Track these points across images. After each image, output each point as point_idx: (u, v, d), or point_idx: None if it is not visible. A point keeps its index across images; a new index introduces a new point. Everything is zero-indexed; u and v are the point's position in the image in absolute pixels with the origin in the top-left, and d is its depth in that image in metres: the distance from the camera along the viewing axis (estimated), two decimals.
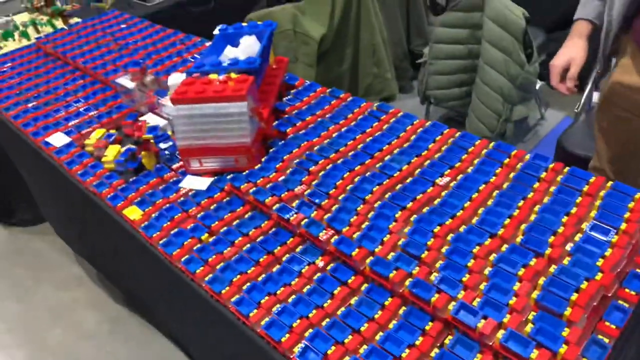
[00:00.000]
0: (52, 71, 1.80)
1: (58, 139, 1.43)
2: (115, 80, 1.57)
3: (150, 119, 1.45)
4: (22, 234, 2.38)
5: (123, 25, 2.03)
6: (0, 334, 1.93)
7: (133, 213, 1.15)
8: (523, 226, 0.92)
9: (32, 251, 2.29)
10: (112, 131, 1.46)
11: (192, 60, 1.72)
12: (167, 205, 1.15)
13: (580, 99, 1.90)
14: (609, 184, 0.99)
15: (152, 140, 1.30)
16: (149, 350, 1.79)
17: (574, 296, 0.79)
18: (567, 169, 1.04)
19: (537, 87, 2.46)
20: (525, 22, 1.98)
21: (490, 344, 0.78)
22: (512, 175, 1.04)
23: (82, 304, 2.00)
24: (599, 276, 0.81)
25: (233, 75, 1.20)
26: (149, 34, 1.93)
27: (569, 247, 0.87)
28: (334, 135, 1.25)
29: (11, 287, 2.13)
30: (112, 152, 1.34)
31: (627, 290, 0.82)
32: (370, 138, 1.22)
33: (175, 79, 1.40)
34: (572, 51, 1.32)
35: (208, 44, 1.81)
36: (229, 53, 1.36)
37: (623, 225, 0.89)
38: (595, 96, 1.84)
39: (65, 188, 1.42)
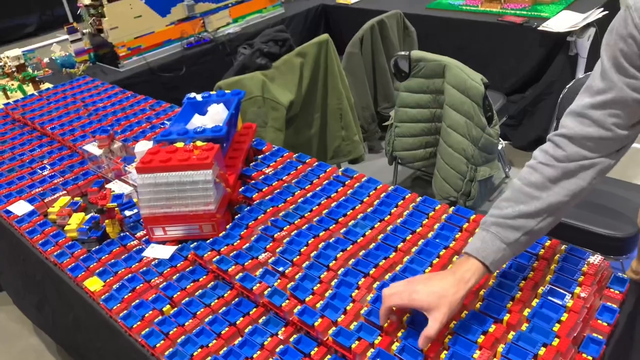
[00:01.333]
0: (18, 137, 1.80)
1: (20, 208, 1.41)
2: (82, 147, 1.57)
3: (117, 186, 1.45)
4: None
5: (94, 91, 2.05)
6: None
7: (94, 284, 1.13)
8: (482, 292, 0.93)
9: None
10: (77, 198, 1.44)
11: (162, 126, 1.74)
12: (129, 275, 1.13)
13: None
14: (563, 247, 1.02)
15: (117, 209, 1.29)
16: None
17: None
18: None
19: (500, 147, 2.56)
20: (484, 88, 2.09)
21: None
22: (471, 239, 1.06)
23: None
24: (555, 342, 0.82)
25: (199, 143, 1.22)
26: (119, 100, 1.96)
27: (526, 312, 0.88)
28: (299, 200, 1.26)
29: None
30: (75, 221, 1.32)
31: (584, 355, 0.83)
32: (335, 203, 1.24)
33: (142, 146, 1.41)
34: (437, 292, 0.82)
35: (178, 109, 1.84)
36: (197, 121, 1.39)
37: (577, 289, 0.91)
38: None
39: (25, 258, 1.38)
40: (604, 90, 0.82)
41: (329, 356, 0.89)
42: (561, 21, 2.57)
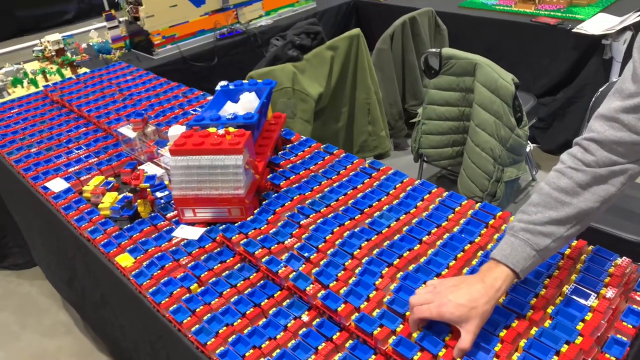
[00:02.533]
0: (56, 118, 1.86)
1: (57, 185, 1.46)
2: (117, 129, 1.62)
3: (149, 168, 1.49)
4: (12, 277, 2.36)
5: (129, 77, 2.11)
6: None
7: (125, 260, 1.17)
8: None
9: (21, 295, 2.26)
10: (110, 178, 1.49)
11: (193, 112, 1.78)
12: (159, 253, 1.17)
13: None
14: (590, 247, 1.01)
15: (148, 189, 1.33)
16: None
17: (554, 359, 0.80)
18: None
19: (528, 149, 2.53)
20: (515, 88, 2.07)
21: None
22: (496, 236, 1.07)
23: (65, 354, 1.96)
24: (579, 340, 0.82)
25: (231, 129, 1.24)
26: (152, 86, 2.00)
27: (550, 309, 0.89)
28: (326, 189, 1.28)
29: None
30: (108, 199, 1.37)
31: (607, 355, 0.82)
32: (361, 194, 1.25)
33: (175, 130, 1.44)
34: (466, 305, 0.81)
35: (209, 97, 1.88)
36: (229, 108, 1.42)
37: (603, 290, 0.91)
38: None
39: (60, 233, 1.44)
40: (636, 93, 0.80)
41: (350, 341, 0.91)
42: (597, 24, 2.52)
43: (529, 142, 2.42)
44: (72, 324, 2.08)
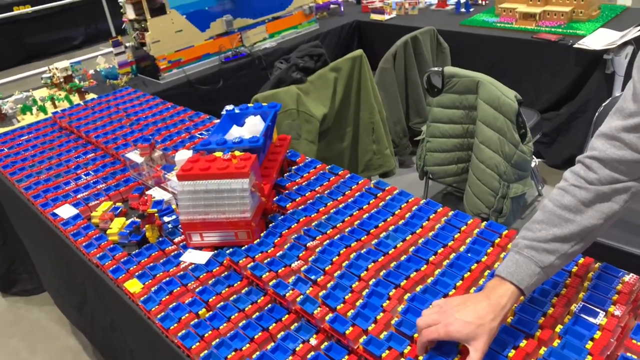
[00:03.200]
0: (65, 144, 1.89)
1: (66, 211, 1.48)
2: (124, 155, 1.64)
3: (156, 193, 1.51)
4: (21, 304, 2.37)
5: (135, 102, 2.14)
6: None
7: (133, 286, 1.17)
8: (513, 306, 0.93)
9: (30, 321, 2.27)
10: (118, 204, 1.51)
11: (200, 136, 1.80)
12: (167, 278, 1.17)
13: None
14: (597, 265, 1.01)
15: (156, 214, 1.34)
16: None
17: None
18: None
19: (533, 164, 2.53)
20: (518, 104, 2.08)
21: None
22: (502, 255, 1.07)
23: None
24: (588, 359, 0.82)
25: (237, 153, 1.26)
26: (159, 111, 2.03)
27: (558, 328, 0.88)
28: (331, 211, 1.29)
29: (6, 359, 2.09)
30: (117, 225, 1.38)
31: None
32: (367, 215, 1.26)
33: (182, 155, 1.46)
34: (474, 322, 0.81)
35: (216, 121, 1.90)
36: (235, 132, 1.44)
37: (612, 308, 0.91)
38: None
39: (69, 259, 1.45)
40: (636, 112, 0.81)
41: None
42: (598, 39, 2.54)
43: (534, 157, 2.43)
44: (81, 350, 2.08)
